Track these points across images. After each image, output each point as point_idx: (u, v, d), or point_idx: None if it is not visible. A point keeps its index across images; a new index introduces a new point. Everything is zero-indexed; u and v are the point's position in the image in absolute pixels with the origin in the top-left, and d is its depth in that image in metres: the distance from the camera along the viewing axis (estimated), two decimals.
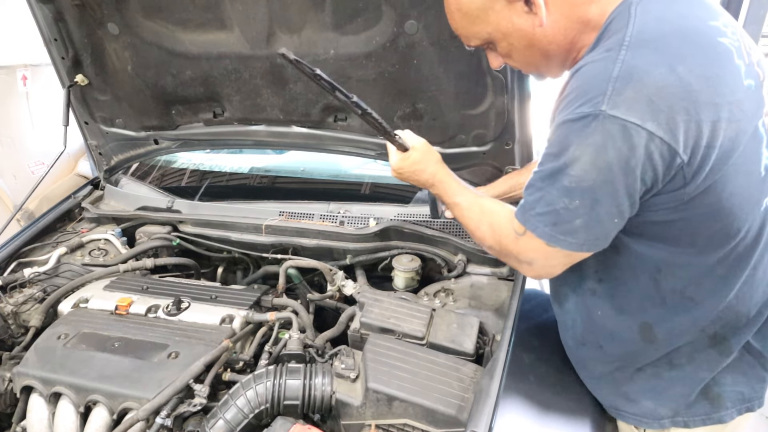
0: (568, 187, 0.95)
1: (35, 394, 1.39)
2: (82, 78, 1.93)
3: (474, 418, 1.10)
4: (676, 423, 1.20)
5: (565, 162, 0.94)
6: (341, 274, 1.76)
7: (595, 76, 0.92)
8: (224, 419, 1.24)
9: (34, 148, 3.93)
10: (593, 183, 0.93)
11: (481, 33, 1.09)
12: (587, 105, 0.90)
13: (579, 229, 0.98)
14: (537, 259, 1.08)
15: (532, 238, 1.04)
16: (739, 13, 3.85)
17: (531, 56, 1.10)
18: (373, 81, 1.63)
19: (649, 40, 0.91)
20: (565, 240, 1.00)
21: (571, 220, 0.98)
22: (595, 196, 0.95)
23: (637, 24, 0.92)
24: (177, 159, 2.49)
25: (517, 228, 1.08)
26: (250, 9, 1.55)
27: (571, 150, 0.93)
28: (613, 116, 0.88)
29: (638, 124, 0.87)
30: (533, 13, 1.01)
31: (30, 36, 2.00)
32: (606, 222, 0.98)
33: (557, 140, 0.96)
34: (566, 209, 0.97)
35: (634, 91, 0.87)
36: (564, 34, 1.03)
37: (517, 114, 1.57)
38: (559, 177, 0.96)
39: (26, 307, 1.67)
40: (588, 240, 1.00)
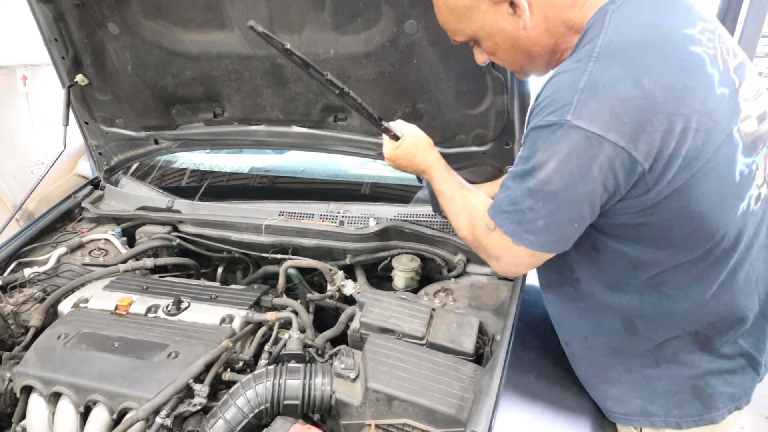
0: (533, 189, 0.99)
1: (35, 393, 1.39)
2: (82, 78, 1.93)
3: (474, 418, 1.10)
4: (668, 423, 1.21)
5: (533, 166, 0.98)
6: (341, 274, 1.76)
7: (564, 87, 0.94)
8: (224, 419, 1.24)
9: (34, 148, 3.93)
10: (556, 188, 0.97)
11: (466, 30, 1.11)
12: (554, 114, 0.94)
13: (540, 230, 1.02)
14: (503, 256, 1.12)
15: (500, 234, 1.08)
16: (739, 13, 3.85)
17: (515, 56, 1.11)
18: (373, 81, 1.63)
19: (617, 50, 0.92)
20: (527, 239, 1.04)
21: (534, 220, 1.02)
22: (557, 201, 0.98)
23: (609, 34, 0.94)
24: (177, 159, 2.49)
25: (488, 223, 1.12)
26: (250, 9, 1.56)
27: (538, 155, 0.97)
28: (577, 126, 0.91)
29: (600, 135, 0.90)
30: (517, 15, 1.03)
31: (30, 36, 2.00)
32: (566, 226, 1.02)
33: (528, 145, 1.01)
34: (531, 209, 1.01)
35: (599, 103, 0.90)
36: (547, 36, 1.05)
37: (517, 114, 1.57)
38: (527, 179, 1.00)
39: (26, 307, 1.68)
40: (549, 241, 1.04)
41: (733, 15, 3.86)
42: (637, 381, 1.22)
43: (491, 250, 1.14)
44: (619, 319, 1.18)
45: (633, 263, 1.10)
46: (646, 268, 1.09)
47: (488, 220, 1.12)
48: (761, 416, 2.72)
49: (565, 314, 1.30)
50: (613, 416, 1.29)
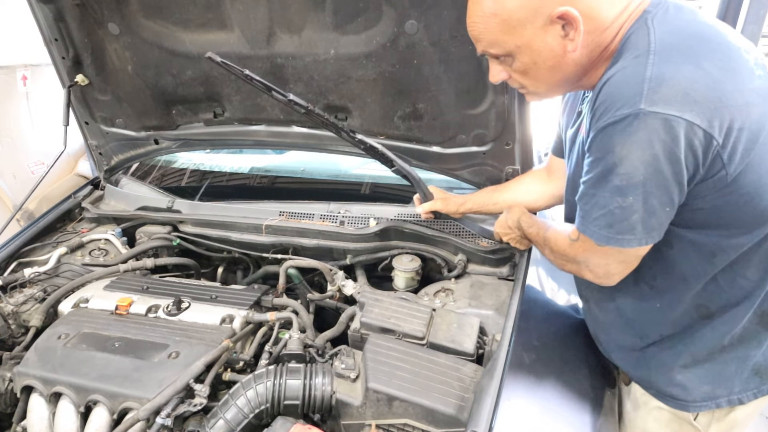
0: (619, 186, 1.02)
1: (35, 393, 1.39)
2: (82, 78, 1.93)
3: (474, 418, 1.10)
4: (731, 402, 1.27)
5: (613, 162, 1.01)
6: (341, 274, 1.76)
7: (628, 81, 0.99)
8: (224, 419, 1.24)
9: (34, 148, 3.93)
10: (644, 177, 1.00)
11: (508, 44, 1.08)
12: (626, 107, 0.97)
13: (636, 225, 1.05)
14: (590, 259, 1.17)
15: (584, 241, 1.14)
16: (739, 13, 3.85)
17: (549, 77, 1.13)
18: (373, 81, 1.63)
19: (672, 44, 0.99)
20: (623, 238, 1.07)
21: (627, 217, 1.04)
22: (647, 189, 1.01)
23: (658, 33, 1.01)
24: (177, 159, 2.49)
25: (571, 235, 1.19)
26: (251, 9, 1.55)
27: (616, 150, 1.00)
28: (653, 112, 0.95)
29: (677, 115, 0.95)
30: (569, 38, 1.05)
31: (30, 36, 2.00)
32: (659, 212, 1.04)
33: (600, 146, 1.03)
34: (620, 208, 1.04)
35: (668, 88, 0.95)
36: (588, 57, 1.09)
37: (518, 114, 1.57)
38: (609, 178, 1.03)
39: (26, 307, 1.67)
40: (645, 233, 1.06)
41: (733, 15, 3.86)
42: (705, 367, 1.26)
43: (578, 256, 1.19)
44: (695, 311, 1.22)
45: (712, 252, 1.14)
46: (725, 254, 1.13)
47: (571, 231, 1.19)
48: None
49: (641, 315, 1.31)
50: (679, 404, 1.32)
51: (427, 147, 1.77)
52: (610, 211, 1.05)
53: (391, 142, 1.80)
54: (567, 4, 1.01)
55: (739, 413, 1.29)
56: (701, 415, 1.31)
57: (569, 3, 1.01)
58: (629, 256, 1.13)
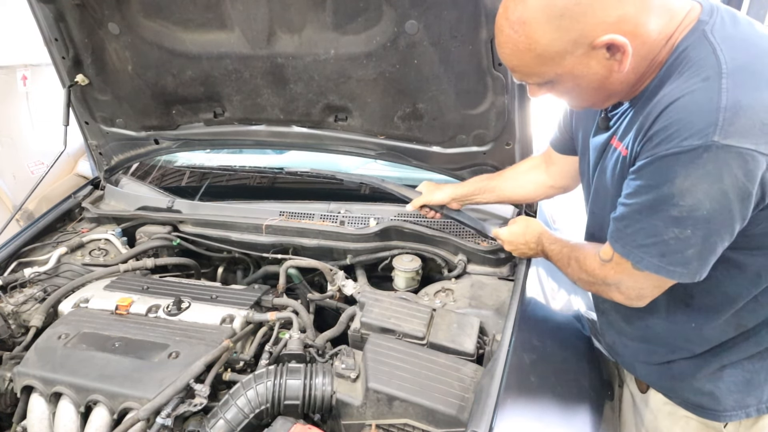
0: (677, 217, 0.97)
1: (36, 393, 1.39)
2: (82, 78, 1.93)
3: (474, 418, 1.10)
4: (760, 410, 1.24)
5: (671, 193, 0.95)
6: (341, 274, 1.76)
7: (700, 108, 0.91)
8: (225, 419, 1.24)
9: (34, 148, 3.93)
10: (708, 212, 0.94)
11: (547, 74, 1.03)
12: (695, 138, 0.91)
13: (692, 259, 1.00)
14: (622, 281, 1.13)
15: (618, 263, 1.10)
16: None
17: (594, 96, 1.08)
18: (373, 81, 1.63)
19: (745, 65, 0.92)
20: (675, 270, 1.02)
21: (682, 250, 0.99)
22: (711, 225, 0.96)
23: (726, 50, 0.93)
24: (177, 159, 2.49)
25: (603, 256, 1.15)
26: (251, 9, 1.55)
27: (677, 182, 0.94)
28: (727, 146, 0.89)
29: (753, 149, 0.89)
30: (615, 59, 0.98)
31: (30, 36, 2.00)
32: (719, 248, 1.00)
33: (656, 173, 0.97)
34: (677, 239, 0.98)
35: (746, 118, 0.88)
36: (635, 73, 1.03)
37: (518, 114, 1.57)
38: (665, 208, 0.97)
39: (27, 307, 1.67)
40: (701, 268, 1.02)
41: None
42: (733, 375, 1.23)
43: (609, 278, 1.15)
44: (733, 328, 1.18)
45: (757, 272, 1.09)
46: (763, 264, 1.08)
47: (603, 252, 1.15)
48: None
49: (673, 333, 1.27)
50: (709, 413, 1.28)
51: (427, 147, 1.77)
52: (663, 240, 0.99)
53: (392, 142, 1.80)
54: (611, 30, 0.93)
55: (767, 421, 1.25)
56: (730, 424, 1.28)
57: (613, 28, 0.93)
58: (668, 283, 1.09)
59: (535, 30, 0.97)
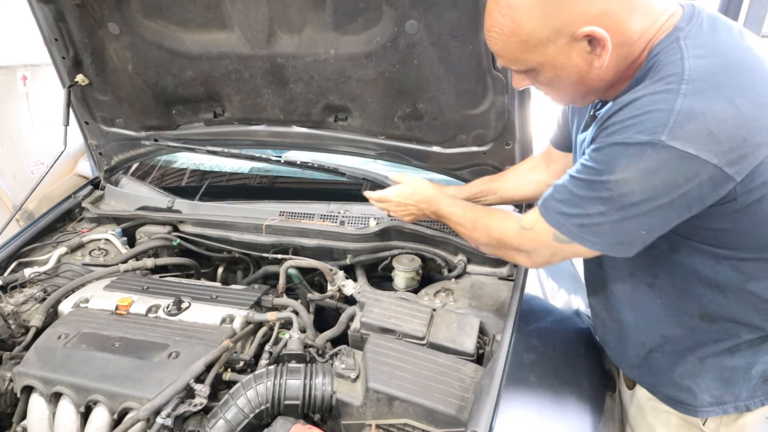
0: (606, 198, 1.02)
1: (36, 393, 1.39)
2: (82, 78, 1.93)
3: (474, 418, 1.10)
4: (738, 408, 1.25)
5: (609, 177, 1.00)
6: (341, 274, 1.76)
7: (657, 108, 0.95)
8: (225, 419, 1.24)
9: (34, 148, 3.93)
10: (637, 200, 1.00)
11: (530, 61, 1.07)
12: (645, 134, 0.95)
13: (606, 233, 1.06)
14: (538, 250, 1.18)
15: (540, 233, 1.14)
16: (739, 13, 3.85)
17: (574, 90, 1.11)
18: (373, 81, 1.63)
19: (708, 74, 0.95)
20: (589, 240, 1.07)
21: (600, 224, 1.05)
22: (632, 212, 1.01)
23: (692, 59, 0.96)
24: (177, 159, 2.49)
25: (524, 223, 1.19)
26: (251, 9, 1.55)
27: (617, 170, 0.99)
28: (671, 146, 0.93)
29: (694, 154, 0.92)
30: (595, 54, 1.01)
31: (30, 36, 2.00)
32: (633, 233, 1.05)
33: (601, 158, 1.02)
34: (600, 214, 1.04)
35: (696, 124, 0.92)
36: (614, 71, 1.06)
37: (518, 114, 1.57)
38: (598, 188, 1.02)
39: (27, 307, 1.67)
40: (611, 243, 1.07)
41: (733, 15, 3.86)
42: (712, 371, 1.24)
43: (524, 245, 1.20)
44: (697, 313, 1.20)
45: (716, 259, 1.12)
46: (730, 263, 1.11)
47: (525, 221, 1.19)
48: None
49: (641, 315, 1.30)
50: (687, 409, 1.30)
51: (427, 147, 1.77)
52: (587, 214, 1.05)
53: (392, 142, 1.80)
54: (593, 23, 0.97)
55: (747, 419, 1.27)
56: (710, 421, 1.29)
57: (595, 21, 0.97)
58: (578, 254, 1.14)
59: (521, 14, 1.00)
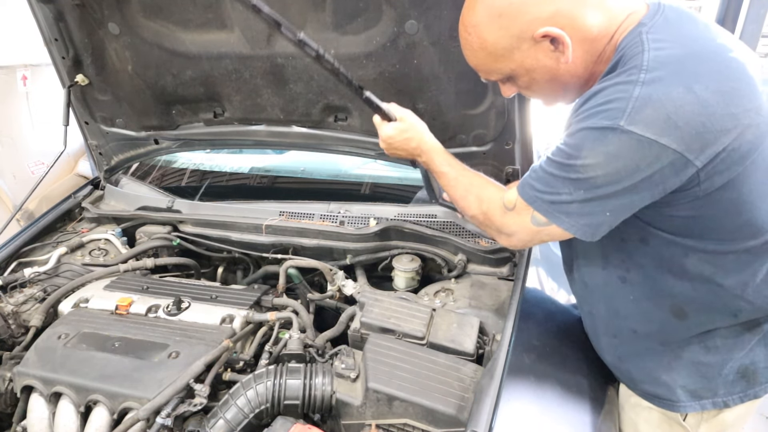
0: (574, 179, 1.06)
1: (35, 393, 1.39)
2: (82, 78, 1.93)
3: (474, 418, 1.10)
4: (716, 404, 1.27)
5: (576, 161, 1.05)
6: (341, 274, 1.76)
7: (617, 95, 1.00)
8: (225, 419, 1.24)
9: (34, 148, 3.93)
10: (600, 182, 1.04)
11: (503, 69, 1.15)
12: (607, 119, 0.99)
13: (573, 213, 1.10)
14: (518, 233, 1.22)
15: (520, 213, 1.18)
16: (739, 13, 3.85)
17: (551, 89, 1.17)
18: (373, 81, 1.63)
19: (665, 63, 0.98)
20: (559, 217, 1.12)
21: (569, 202, 1.09)
22: (599, 191, 1.05)
23: (652, 50, 1.00)
24: (177, 159, 2.49)
25: (507, 202, 1.22)
26: None
27: (584, 153, 1.04)
28: (630, 131, 0.97)
29: (652, 139, 0.96)
30: (559, 51, 1.07)
31: (30, 36, 2.00)
32: (599, 214, 1.09)
33: (573, 142, 1.06)
34: (568, 194, 1.08)
35: (653, 110, 0.96)
36: (584, 67, 1.11)
37: (517, 114, 1.57)
38: (568, 170, 1.07)
39: (26, 307, 1.67)
40: (577, 224, 1.11)
41: (733, 15, 3.86)
42: (687, 367, 1.26)
43: (506, 228, 1.23)
44: (668, 308, 1.22)
45: (684, 251, 1.14)
46: (698, 256, 1.14)
47: (507, 200, 1.21)
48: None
49: (613, 309, 1.33)
50: (666, 404, 1.31)
51: None
52: (557, 192, 1.09)
53: None
54: (547, 23, 1.04)
55: (728, 415, 1.28)
56: (690, 416, 1.31)
57: (549, 21, 1.04)
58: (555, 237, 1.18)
59: (482, 30, 1.10)
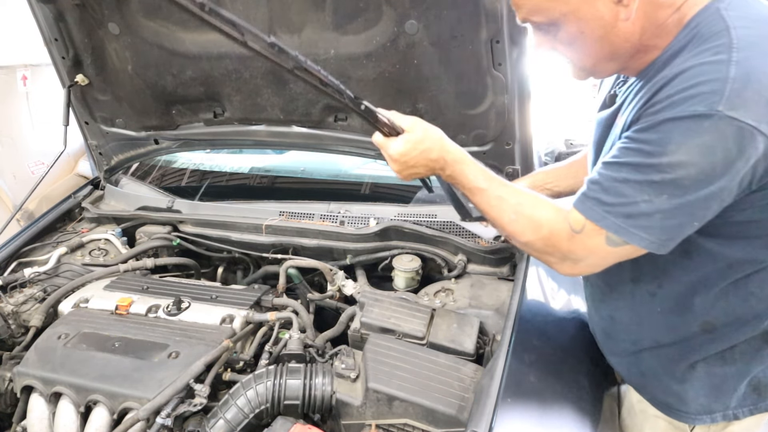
0: (657, 182, 0.93)
1: (35, 393, 1.39)
2: (82, 78, 1.93)
3: (474, 418, 1.10)
4: (726, 417, 1.22)
5: (661, 159, 0.92)
6: (341, 274, 1.76)
7: (709, 77, 0.89)
8: (225, 419, 1.24)
9: (34, 148, 3.93)
10: (690, 183, 0.91)
11: (553, 12, 0.99)
12: (701, 104, 0.88)
13: (655, 227, 0.96)
14: (588, 257, 1.05)
15: (591, 235, 1.01)
16: None
17: (596, 50, 1.03)
18: (373, 81, 1.63)
19: (755, 43, 0.90)
20: (636, 234, 0.97)
21: (650, 214, 0.95)
22: (687, 197, 0.92)
23: (738, 28, 0.91)
24: (177, 159, 2.49)
25: (573, 224, 1.03)
26: (251, 9, 1.55)
27: (671, 148, 0.90)
28: (731, 117, 0.86)
29: (754, 126, 0.86)
30: (623, 5, 0.96)
31: (30, 36, 2.00)
32: (686, 225, 0.96)
33: (655, 136, 0.93)
34: (649, 203, 0.94)
35: (754, 92, 0.86)
36: (640, 34, 1.00)
37: (517, 114, 1.57)
38: (648, 171, 0.93)
39: (26, 307, 1.67)
40: (660, 239, 0.97)
41: None
42: (701, 379, 1.21)
43: (574, 254, 1.06)
44: (698, 323, 1.15)
45: (728, 263, 1.07)
46: (741, 268, 1.07)
47: (573, 221, 1.03)
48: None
49: (636, 318, 1.25)
50: (676, 414, 1.28)
51: None
52: (634, 202, 0.95)
53: None
54: None
55: (735, 428, 1.25)
56: (698, 427, 1.27)
57: None
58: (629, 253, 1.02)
59: None
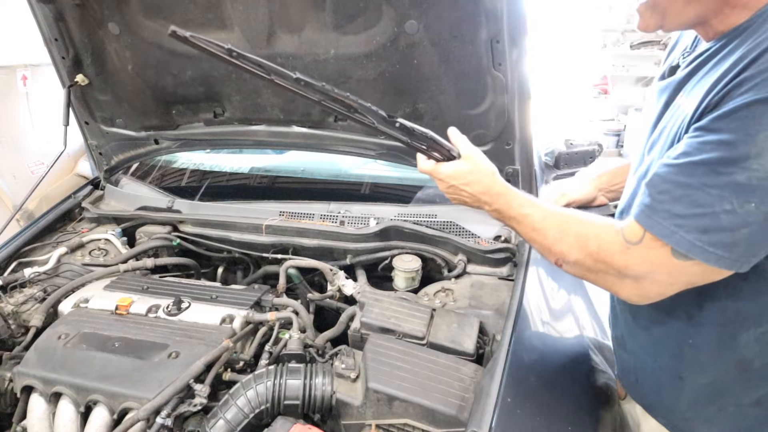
0: (744, 184, 0.76)
1: (35, 393, 1.39)
2: (82, 78, 1.93)
3: (474, 418, 1.10)
4: None
5: (748, 152, 0.75)
6: (341, 274, 1.76)
7: None
8: (224, 419, 1.24)
9: (34, 148, 3.93)
10: None
11: None
12: None
13: (740, 242, 0.79)
14: (652, 273, 0.89)
15: (651, 247, 0.86)
16: None
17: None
18: (373, 81, 1.63)
19: None
20: (714, 253, 0.80)
21: (733, 228, 0.78)
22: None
23: None
24: (177, 159, 2.49)
25: (628, 236, 0.90)
26: (251, 9, 1.55)
27: (760, 137, 0.74)
28: None
29: None
30: None
31: (30, 36, 2.00)
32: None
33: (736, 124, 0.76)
34: (731, 213, 0.78)
35: None
36: None
37: (517, 114, 1.57)
38: (731, 171, 0.77)
39: (26, 307, 1.67)
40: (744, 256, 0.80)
41: None
42: (732, 421, 1.10)
43: (632, 269, 0.90)
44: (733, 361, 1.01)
45: None
46: None
47: (629, 232, 0.90)
48: None
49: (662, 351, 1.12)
50: None
51: None
52: (713, 212, 0.78)
53: (392, 142, 1.80)
54: None
55: None
56: None
57: None
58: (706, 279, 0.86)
59: None
